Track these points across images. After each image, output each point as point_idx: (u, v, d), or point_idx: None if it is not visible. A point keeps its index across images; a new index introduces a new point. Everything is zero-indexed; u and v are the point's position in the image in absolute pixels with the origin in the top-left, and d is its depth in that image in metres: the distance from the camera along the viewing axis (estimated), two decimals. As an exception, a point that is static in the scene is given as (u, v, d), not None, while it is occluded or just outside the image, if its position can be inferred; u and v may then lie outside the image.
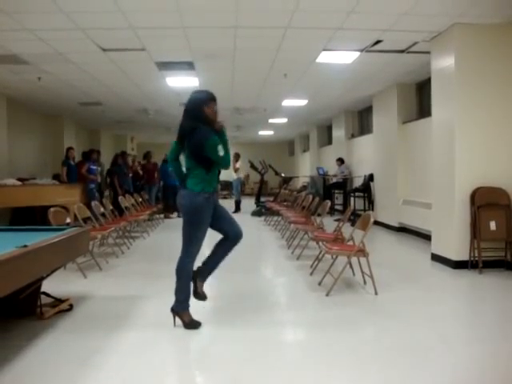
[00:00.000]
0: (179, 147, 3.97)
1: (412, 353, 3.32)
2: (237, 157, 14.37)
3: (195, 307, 3.98)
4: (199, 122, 3.83)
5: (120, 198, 9.53)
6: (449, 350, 3.39)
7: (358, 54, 7.21)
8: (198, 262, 4.06)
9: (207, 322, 4.16)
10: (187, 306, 3.90)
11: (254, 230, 10.30)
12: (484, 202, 5.86)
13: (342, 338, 3.65)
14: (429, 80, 7.17)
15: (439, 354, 3.29)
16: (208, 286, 5.67)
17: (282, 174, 16.04)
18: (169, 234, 9.80)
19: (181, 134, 3.92)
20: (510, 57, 5.91)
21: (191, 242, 3.92)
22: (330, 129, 15.86)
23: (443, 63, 6.25)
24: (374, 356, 3.28)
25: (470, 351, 3.41)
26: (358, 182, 12.24)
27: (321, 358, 3.27)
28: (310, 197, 8.67)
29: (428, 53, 6.71)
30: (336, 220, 9.89)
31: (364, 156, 12.20)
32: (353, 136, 13.49)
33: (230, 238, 4.11)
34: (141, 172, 13.31)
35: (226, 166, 3.98)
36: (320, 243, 5.94)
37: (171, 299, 4.61)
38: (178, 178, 4.11)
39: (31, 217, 9.30)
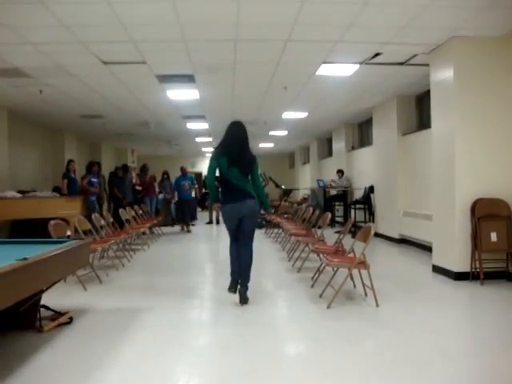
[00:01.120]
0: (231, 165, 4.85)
1: (412, 366, 3.29)
2: None
3: (192, 318, 3.96)
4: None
5: (120, 210, 9.52)
6: (449, 363, 3.36)
7: (357, 66, 7.25)
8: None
9: (207, 334, 4.15)
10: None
11: (255, 243, 10.25)
12: (485, 213, 5.86)
13: (342, 351, 3.63)
14: (428, 92, 7.20)
15: (440, 366, 3.27)
16: (208, 299, 5.66)
17: (283, 186, 16.06)
18: (169, 247, 9.79)
19: (243, 155, 4.93)
20: (509, 69, 5.94)
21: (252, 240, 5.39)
22: (330, 141, 15.91)
23: (442, 75, 6.28)
24: (374, 369, 3.25)
25: (470, 364, 3.39)
26: (358, 194, 12.24)
27: (322, 370, 3.24)
28: (311, 209, 8.67)
29: (427, 65, 6.75)
30: (336, 232, 9.87)
31: (364, 168, 12.21)
32: (353, 148, 13.53)
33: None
34: (139, 188, 13.26)
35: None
36: (321, 255, 5.93)
37: (171, 312, 4.62)
38: (214, 194, 5.17)
39: (31, 229, 9.29)
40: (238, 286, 5.01)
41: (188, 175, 13.50)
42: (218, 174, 4.98)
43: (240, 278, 5.03)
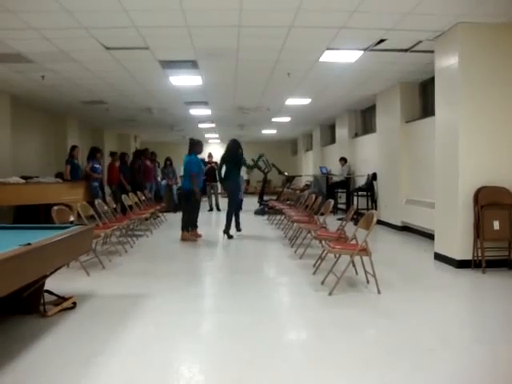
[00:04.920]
0: (227, 161, 9.04)
1: (413, 353, 3.31)
2: None
3: (193, 304, 3.96)
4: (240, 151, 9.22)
5: (123, 196, 9.54)
6: (450, 351, 3.38)
7: (361, 53, 7.19)
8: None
9: (208, 321, 4.18)
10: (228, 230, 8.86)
11: (257, 229, 10.31)
12: (487, 201, 5.85)
13: (344, 338, 3.65)
14: (432, 79, 7.15)
15: (440, 355, 3.28)
16: (209, 285, 5.70)
17: (285, 173, 16.03)
18: (171, 233, 9.79)
19: (231, 157, 9.02)
20: (515, 56, 5.90)
21: (234, 202, 9.07)
22: (333, 128, 15.84)
23: (447, 62, 6.24)
24: (375, 356, 3.27)
25: (471, 352, 3.40)
26: (361, 181, 12.23)
27: (322, 358, 3.27)
28: (313, 196, 8.67)
29: (432, 52, 6.69)
30: (339, 219, 9.89)
31: (367, 155, 12.18)
32: (356, 135, 13.48)
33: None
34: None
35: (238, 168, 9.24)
36: (323, 242, 5.95)
37: (173, 298, 4.66)
38: (220, 177, 9.19)
39: (35, 215, 9.32)
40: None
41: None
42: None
43: (235, 221, 9.30)
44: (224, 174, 9.01)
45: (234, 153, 9.03)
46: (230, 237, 8.76)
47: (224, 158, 9.13)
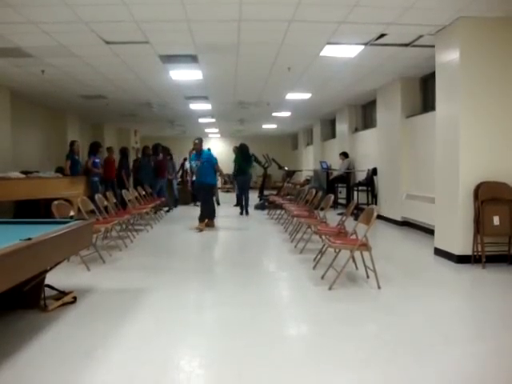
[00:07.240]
0: (241, 161, 12.32)
1: (413, 349, 3.32)
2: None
3: (193, 299, 3.97)
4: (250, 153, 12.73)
5: (124, 191, 9.54)
6: (450, 346, 3.38)
7: (362, 47, 7.17)
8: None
9: (208, 315, 4.19)
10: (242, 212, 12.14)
11: (257, 224, 10.32)
12: (488, 196, 5.84)
13: (344, 333, 3.66)
14: (433, 74, 7.13)
15: (440, 350, 3.28)
16: (209, 279, 5.70)
17: (286, 168, 16.03)
18: (171, 227, 9.81)
19: (247, 157, 12.41)
20: (516, 50, 5.88)
21: (248, 190, 12.45)
22: (333, 123, 15.81)
23: (448, 57, 6.21)
24: (375, 351, 3.28)
25: (471, 347, 3.41)
26: (361, 176, 12.22)
27: (322, 352, 3.28)
28: (314, 190, 8.66)
29: (433, 46, 6.67)
30: (339, 214, 9.89)
31: (367, 150, 12.16)
32: (356, 130, 13.46)
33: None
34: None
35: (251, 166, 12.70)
36: (323, 237, 5.94)
37: (173, 292, 4.66)
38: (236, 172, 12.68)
39: (35, 210, 9.33)
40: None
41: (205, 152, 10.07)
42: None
43: (245, 206, 11.99)
44: (241, 170, 12.25)
45: (248, 154, 12.46)
46: (247, 214, 12.10)
47: (239, 159, 12.40)
